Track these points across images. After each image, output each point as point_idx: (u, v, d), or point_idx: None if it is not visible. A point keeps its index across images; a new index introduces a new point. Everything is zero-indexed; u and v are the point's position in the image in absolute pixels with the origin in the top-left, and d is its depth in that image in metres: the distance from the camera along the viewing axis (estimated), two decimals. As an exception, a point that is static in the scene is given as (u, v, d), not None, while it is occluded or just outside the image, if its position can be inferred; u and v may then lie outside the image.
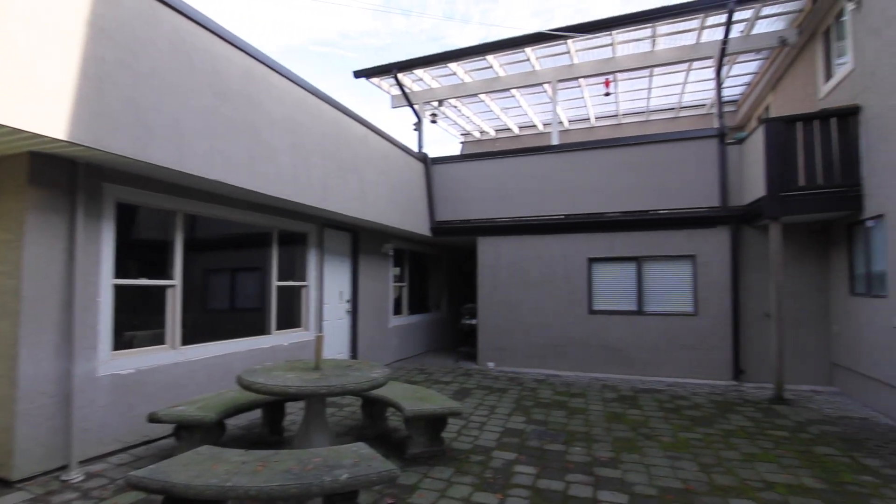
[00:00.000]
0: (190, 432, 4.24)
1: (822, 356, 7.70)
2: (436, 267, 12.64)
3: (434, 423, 4.63)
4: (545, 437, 5.23)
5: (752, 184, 7.53)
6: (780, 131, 6.96)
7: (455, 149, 19.33)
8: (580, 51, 9.69)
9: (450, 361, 10.00)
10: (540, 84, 10.64)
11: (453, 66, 10.22)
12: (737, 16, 8.06)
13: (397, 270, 10.57)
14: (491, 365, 9.35)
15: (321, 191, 6.63)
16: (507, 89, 10.99)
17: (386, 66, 10.30)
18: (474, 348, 9.72)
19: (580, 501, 3.73)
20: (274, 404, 5.01)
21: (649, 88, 11.75)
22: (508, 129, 14.77)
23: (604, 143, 9.25)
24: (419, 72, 10.48)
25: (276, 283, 6.87)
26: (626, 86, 11.60)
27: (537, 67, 10.24)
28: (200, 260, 5.83)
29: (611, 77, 10.65)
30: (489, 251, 9.61)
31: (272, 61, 5.81)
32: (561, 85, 10.94)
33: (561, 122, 14.03)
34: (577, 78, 10.37)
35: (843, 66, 7.23)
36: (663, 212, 8.52)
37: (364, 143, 7.81)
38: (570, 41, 9.07)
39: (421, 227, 9.72)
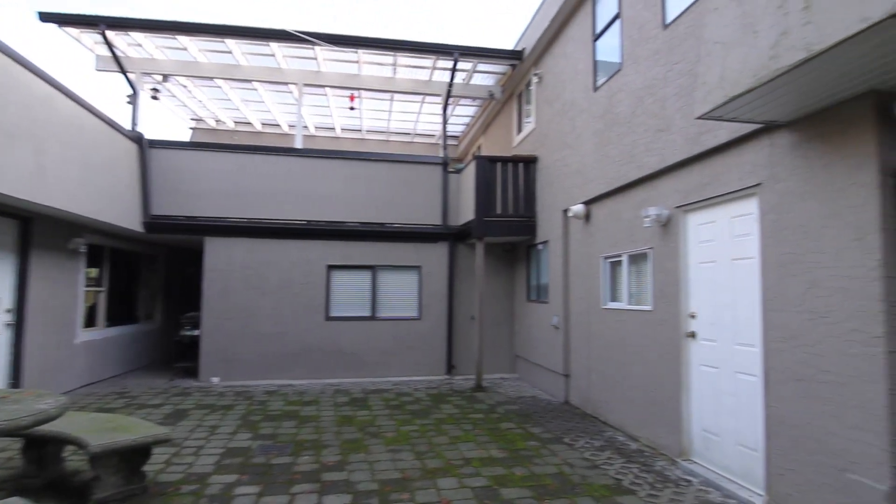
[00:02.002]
0: None
1: (509, 350, 9.66)
2: (150, 269, 10.70)
3: (132, 456, 3.87)
4: (272, 451, 4.99)
5: (466, 208, 8.96)
6: (486, 168, 8.51)
7: (183, 134, 16.87)
8: (328, 60, 9.81)
9: (163, 380, 8.57)
10: (286, 84, 10.30)
11: (184, 40, 8.94)
12: (460, 65, 9.52)
13: (94, 272, 8.52)
14: (216, 380, 8.42)
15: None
16: (250, 81, 10.26)
17: (90, 16, 8.26)
18: (196, 363, 8.59)
19: (306, 511, 3.68)
20: None
21: (390, 111, 12.73)
22: (250, 123, 13.77)
23: (348, 155, 9.58)
24: (138, 35, 8.78)
25: None
26: (370, 104, 12.30)
27: (283, 66, 9.89)
28: None
29: (356, 93, 11.11)
30: (220, 253, 8.69)
31: None
32: (308, 90, 10.83)
33: (307, 127, 13.87)
34: (324, 86, 10.45)
35: (529, 124, 9.34)
36: (397, 225, 9.32)
37: (49, 106, 6.05)
38: (317, 48, 9.08)
39: (129, 220, 8.08)
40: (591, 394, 6.58)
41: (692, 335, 4.73)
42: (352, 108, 11.86)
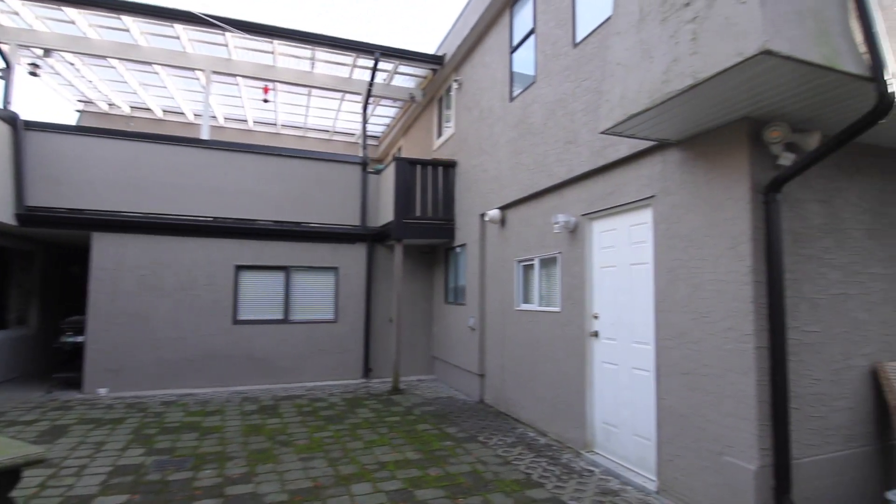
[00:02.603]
0: None
1: (427, 351, 9.72)
2: (23, 268, 9.42)
3: (-3, 482, 3.37)
4: (169, 467, 4.61)
5: (385, 209, 8.90)
6: (406, 170, 8.52)
7: (69, 117, 15.10)
8: (240, 48, 9.28)
9: (38, 393, 7.58)
10: (192, 69, 9.59)
11: (72, 12, 8.00)
12: (382, 65, 9.45)
13: (-53, 271, 7.33)
14: (103, 391, 7.60)
15: None
16: (150, 63, 9.41)
17: (-51, -24, 7.12)
18: (79, 373, 7.69)
19: (207, 529, 3.44)
20: None
21: (308, 107, 12.32)
22: (149, 108, 12.63)
23: (262, 149, 9.09)
24: (15, 2, 7.72)
25: None
26: (287, 98, 11.81)
27: (189, 50, 9.20)
28: None
29: (270, 85, 10.61)
30: (110, 251, 7.86)
31: None
32: (217, 77, 10.16)
33: (215, 117, 13.01)
34: (235, 75, 9.87)
35: (449, 129, 9.49)
36: (314, 225, 9.02)
37: None
38: (228, 34, 8.56)
39: (-2, 212, 7.08)
40: (504, 392, 6.81)
41: (595, 335, 5.07)
42: (266, 101, 11.30)
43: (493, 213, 7.06)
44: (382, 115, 12.92)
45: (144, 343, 7.90)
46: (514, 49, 6.96)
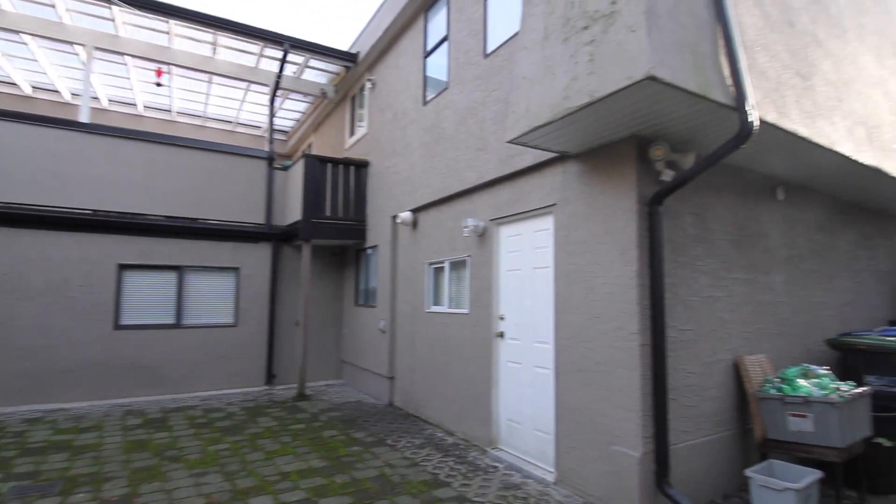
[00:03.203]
0: None
1: (336, 355, 9.46)
2: None
3: None
4: (31, 493, 4.04)
5: (292, 208, 8.54)
6: (316, 167, 8.24)
7: None
8: (129, 25, 8.40)
9: None
10: (70, 43, 8.51)
11: None
12: (292, 58, 9.06)
13: None
14: (-57, 412, 6.46)
15: None
16: (18, 32, 8.19)
17: None
18: None
19: (76, 563, 3.06)
20: None
21: (208, 94, 11.45)
22: (14, 83, 10.98)
23: (154, 137, 8.29)
24: None
25: None
26: (184, 83, 10.88)
27: (67, 21, 8.15)
28: None
29: (165, 68, 9.74)
30: (-44, 248, 6.72)
31: None
32: (100, 54, 9.10)
33: (97, 98, 11.63)
34: (122, 54, 8.91)
35: (362, 128, 9.34)
36: (213, 222, 8.41)
37: None
38: (115, 8, 7.72)
39: None
40: (414, 394, 6.84)
41: (501, 335, 5.26)
42: (159, 85, 10.32)
43: (406, 215, 7.07)
44: (292, 110, 12.39)
45: (1, 354, 6.85)
46: (427, 54, 7.03)
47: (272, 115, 9.60)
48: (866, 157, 4.49)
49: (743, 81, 3.10)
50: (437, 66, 6.78)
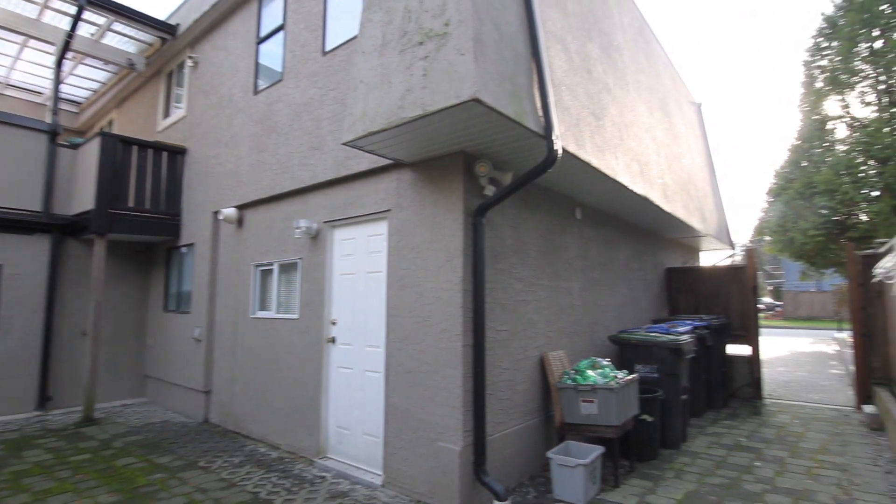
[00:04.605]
0: None
1: (137, 370, 8.15)
2: None
3: None
4: None
5: (82, 195, 7.13)
6: (117, 150, 7.03)
7: None
8: None
9: None
10: None
11: None
12: (89, 16, 7.59)
13: None
14: None
15: None
16: None
17: None
18: None
19: None
20: None
21: (-40, 43, 8.93)
22: None
23: None
24: None
25: None
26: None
27: None
28: None
29: None
30: None
31: None
32: None
33: None
34: None
35: (180, 110, 8.27)
36: (-41, 207, 6.56)
37: None
38: None
39: None
40: (234, 408, 6.26)
41: (332, 340, 5.14)
42: None
43: (229, 211, 6.46)
44: (87, 78, 10.34)
45: None
46: (261, 40, 6.55)
47: (58, 80, 7.87)
48: (639, 188, 5.55)
49: (551, 114, 3.57)
50: (272, 54, 6.36)
